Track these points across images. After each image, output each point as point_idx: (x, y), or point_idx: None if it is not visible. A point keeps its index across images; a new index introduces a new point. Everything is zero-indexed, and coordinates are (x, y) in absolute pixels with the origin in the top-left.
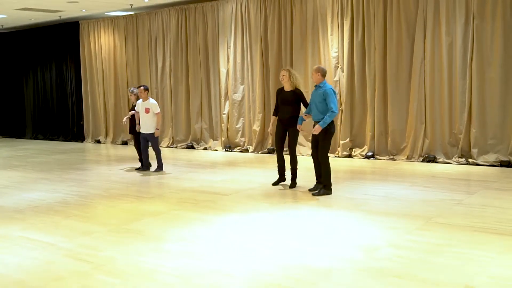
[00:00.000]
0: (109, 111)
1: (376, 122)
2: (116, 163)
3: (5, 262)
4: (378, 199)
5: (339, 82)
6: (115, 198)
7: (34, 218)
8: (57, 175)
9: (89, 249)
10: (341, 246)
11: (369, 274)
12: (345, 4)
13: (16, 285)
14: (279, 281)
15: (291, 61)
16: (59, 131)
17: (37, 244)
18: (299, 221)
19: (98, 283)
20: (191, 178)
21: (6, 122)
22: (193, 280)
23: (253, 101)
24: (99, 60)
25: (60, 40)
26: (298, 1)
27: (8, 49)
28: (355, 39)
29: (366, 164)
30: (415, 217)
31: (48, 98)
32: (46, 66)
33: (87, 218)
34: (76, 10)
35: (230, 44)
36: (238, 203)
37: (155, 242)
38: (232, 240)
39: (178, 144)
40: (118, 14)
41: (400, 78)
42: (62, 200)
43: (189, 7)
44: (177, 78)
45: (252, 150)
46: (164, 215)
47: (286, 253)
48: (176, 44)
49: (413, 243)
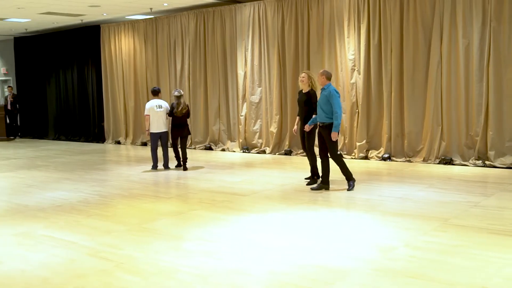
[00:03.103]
0: (129, 113)
1: (392, 124)
2: (136, 164)
3: (29, 259)
4: (394, 200)
5: (356, 85)
6: (135, 198)
7: (56, 216)
8: (78, 175)
9: (110, 247)
10: (357, 246)
11: (384, 274)
12: (362, 7)
13: (39, 282)
14: (295, 280)
15: (308, 64)
16: (81, 132)
17: (59, 242)
18: (316, 221)
19: (118, 281)
20: (209, 178)
21: (29, 123)
22: (211, 279)
23: (270, 103)
24: (119, 63)
25: (81, 43)
26: (315, 4)
27: (31, 52)
28: (371, 42)
29: (383, 165)
30: (431, 218)
31: (70, 100)
32: (68, 69)
33: (107, 217)
34: (97, 14)
35: (248, 47)
36: (256, 204)
37: (174, 241)
38: (250, 240)
39: (196, 145)
40: (138, 18)
41: (416, 80)
42: (84, 199)
43: (207, 10)
44: (195, 81)
45: (269, 152)
46: (183, 215)
47: (302, 253)
48: (195, 47)
49: (429, 244)
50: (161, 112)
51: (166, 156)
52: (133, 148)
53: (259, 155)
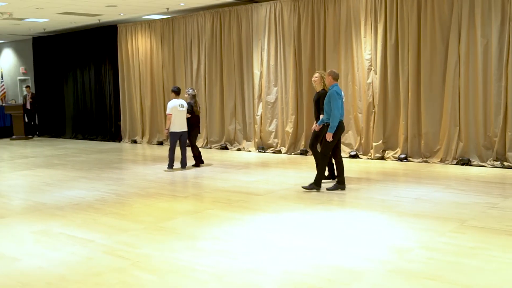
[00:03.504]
0: (145, 112)
1: (409, 124)
2: (152, 163)
3: (47, 257)
4: (411, 201)
5: (372, 84)
6: (151, 197)
7: (74, 215)
8: (95, 174)
9: (126, 246)
10: (373, 247)
11: (401, 275)
12: (379, 6)
13: (57, 279)
14: (311, 281)
15: (324, 64)
16: (98, 131)
17: (77, 240)
18: (332, 222)
19: (135, 279)
20: (225, 178)
21: (47, 122)
22: (226, 278)
23: (286, 103)
24: (136, 63)
25: (99, 43)
26: (331, 4)
27: (49, 51)
28: (388, 41)
29: (399, 166)
30: (448, 219)
31: (87, 99)
32: (85, 68)
33: (124, 216)
34: (114, 14)
35: (264, 47)
36: (271, 203)
37: (189, 240)
38: (265, 239)
39: (212, 144)
40: (155, 18)
41: (434, 80)
42: (101, 198)
43: (223, 10)
44: (211, 80)
45: (285, 151)
46: (199, 214)
47: (318, 253)
48: (211, 47)
49: (446, 246)
50: (183, 112)
51: (184, 155)
52: (149, 147)
53: (275, 155)
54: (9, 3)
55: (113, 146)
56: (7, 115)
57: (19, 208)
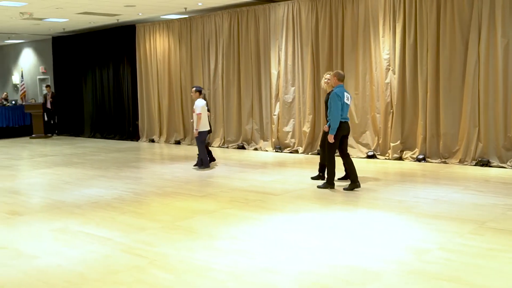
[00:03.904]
0: (163, 112)
1: (428, 124)
2: (169, 162)
3: (66, 254)
4: (429, 202)
5: (390, 84)
6: (169, 196)
7: (92, 213)
8: (113, 172)
9: (144, 244)
10: (391, 248)
11: (418, 277)
12: (397, 5)
13: (75, 277)
14: (327, 281)
15: (342, 63)
16: (116, 130)
17: (95, 238)
18: (349, 222)
19: (152, 278)
20: (242, 177)
21: (66, 121)
22: (244, 277)
23: (303, 103)
24: (154, 62)
25: (117, 42)
26: (349, 3)
27: (68, 51)
28: (407, 41)
29: (417, 167)
30: (467, 221)
31: (105, 98)
32: (104, 68)
33: (141, 214)
34: (133, 14)
35: (282, 47)
36: (288, 203)
37: (207, 239)
38: (282, 239)
39: (229, 144)
40: (173, 18)
41: (453, 81)
42: (119, 196)
43: (241, 10)
44: (229, 80)
45: (302, 151)
46: (216, 213)
47: (335, 253)
48: (229, 47)
49: (464, 247)
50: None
51: (209, 154)
52: (167, 146)
53: (292, 154)
54: (30, 3)
55: (131, 145)
56: (27, 114)
57: (38, 206)
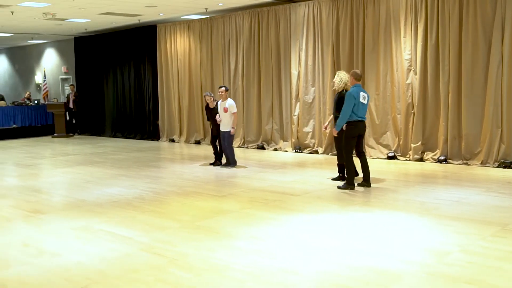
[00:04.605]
0: (183, 111)
1: (449, 125)
2: (189, 162)
3: (87, 252)
4: (450, 204)
5: (412, 85)
6: (188, 196)
7: (113, 212)
8: (134, 172)
9: (163, 243)
10: (412, 249)
11: (439, 279)
12: (419, 5)
13: (96, 274)
14: (347, 282)
15: (363, 64)
16: (136, 129)
17: (116, 237)
18: (369, 223)
19: (171, 277)
20: (261, 178)
21: (87, 120)
22: (263, 277)
23: (324, 103)
24: (174, 62)
25: (138, 42)
26: (370, 3)
27: (90, 51)
28: (428, 41)
29: (438, 168)
30: (489, 223)
31: (127, 98)
32: (125, 68)
33: (161, 214)
34: (154, 14)
35: (302, 47)
36: (308, 204)
37: (226, 239)
38: (301, 239)
39: (249, 144)
40: (194, 18)
41: (475, 81)
42: (139, 196)
43: (262, 10)
44: (249, 80)
45: (322, 152)
46: (235, 213)
47: (355, 254)
48: (249, 47)
49: (486, 250)
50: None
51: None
52: (187, 146)
53: (312, 155)
54: (53, 4)
55: (151, 145)
56: (49, 113)
57: (60, 205)
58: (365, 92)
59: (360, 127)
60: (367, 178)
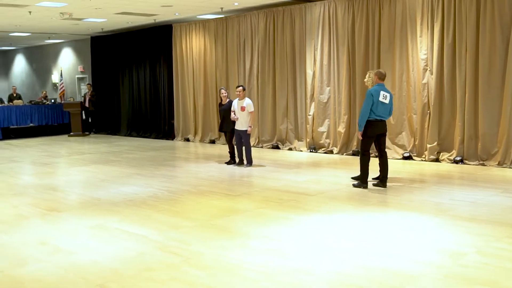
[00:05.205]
0: (198, 111)
1: (465, 125)
2: (204, 161)
3: (102, 251)
4: (466, 205)
5: (428, 85)
6: (203, 195)
7: (128, 210)
8: (149, 171)
9: (178, 242)
10: (427, 250)
11: (455, 280)
12: (436, 5)
13: (111, 273)
14: (362, 283)
15: (378, 63)
16: (152, 129)
17: (131, 235)
18: (383, 223)
19: (185, 276)
20: (276, 177)
21: (103, 119)
22: (277, 277)
23: (339, 103)
24: (190, 61)
25: (154, 42)
26: (386, 3)
27: (106, 50)
28: (445, 41)
29: (454, 168)
30: (505, 224)
31: (142, 97)
32: (141, 67)
33: (176, 212)
34: (169, 13)
35: (317, 46)
36: (322, 204)
37: (240, 238)
38: (316, 240)
39: (263, 144)
40: (209, 17)
41: (492, 81)
42: (154, 194)
43: (277, 9)
44: (264, 79)
45: (337, 152)
46: (250, 212)
47: (369, 255)
48: (264, 46)
49: (502, 251)
50: None
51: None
52: (202, 146)
53: (326, 155)
54: (70, 4)
55: (166, 144)
56: (66, 112)
57: (75, 203)
58: (387, 92)
59: (378, 126)
60: (384, 179)
